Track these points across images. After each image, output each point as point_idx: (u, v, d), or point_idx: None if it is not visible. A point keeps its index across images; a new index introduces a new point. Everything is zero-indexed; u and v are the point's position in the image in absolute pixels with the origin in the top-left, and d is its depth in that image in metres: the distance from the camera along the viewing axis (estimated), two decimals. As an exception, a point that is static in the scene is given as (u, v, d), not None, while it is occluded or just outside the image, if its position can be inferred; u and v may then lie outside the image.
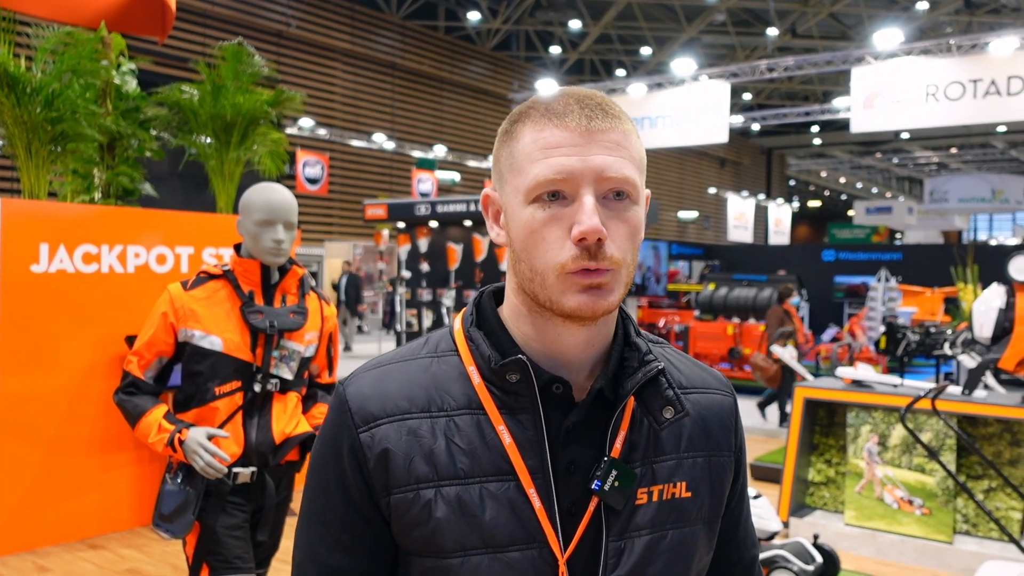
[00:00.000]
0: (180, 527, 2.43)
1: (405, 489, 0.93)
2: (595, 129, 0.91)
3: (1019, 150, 33.72)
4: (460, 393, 0.97)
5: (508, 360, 0.94)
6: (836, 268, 19.41)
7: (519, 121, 0.96)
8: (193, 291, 2.51)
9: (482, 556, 0.92)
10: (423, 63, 23.61)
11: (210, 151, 5.69)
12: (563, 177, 0.90)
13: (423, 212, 9.19)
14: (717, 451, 1.06)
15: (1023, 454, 4.85)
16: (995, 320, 4.96)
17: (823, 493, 5.48)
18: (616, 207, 0.92)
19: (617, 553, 0.95)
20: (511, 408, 0.95)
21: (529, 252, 0.93)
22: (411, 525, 0.94)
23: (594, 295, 0.91)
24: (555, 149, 0.91)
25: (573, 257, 0.89)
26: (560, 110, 0.92)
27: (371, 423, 0.95)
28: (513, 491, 0.93)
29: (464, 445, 0.94)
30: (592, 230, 0.88)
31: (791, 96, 30.66)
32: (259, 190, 2.52)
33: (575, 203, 0.90)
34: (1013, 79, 10.98)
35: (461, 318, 1.04)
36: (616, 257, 0.91)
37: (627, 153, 0.92)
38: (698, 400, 1.06)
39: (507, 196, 0.97)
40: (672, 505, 1.00)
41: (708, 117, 14.30)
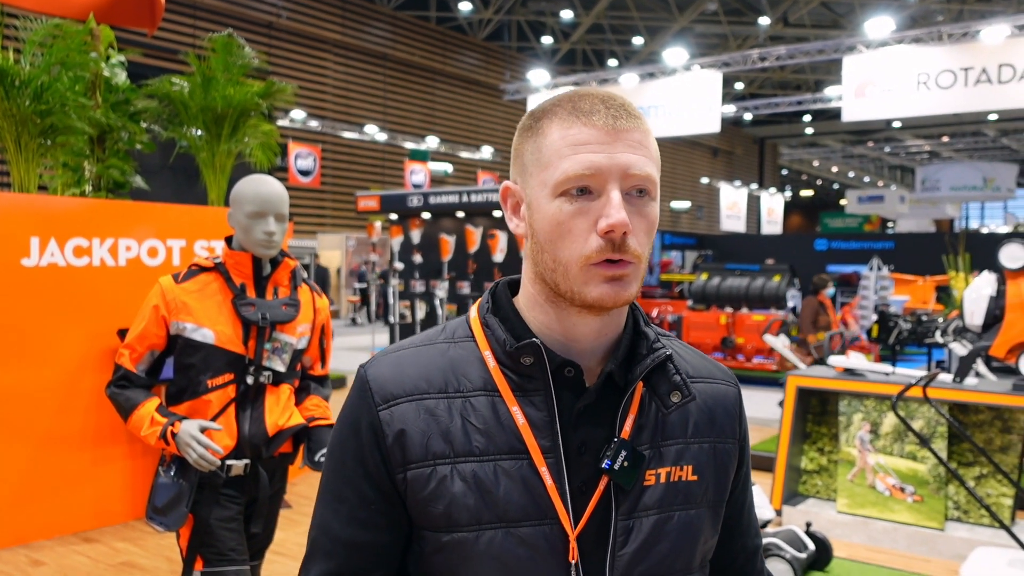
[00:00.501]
0: (174, 520, 2.43)
1: (422, 465, 0.97)
2: (620, 128, 0.96)
3: (1010, 138, 33.81)
4: (476, 376, 1.01)
5: (523, 343, 0.99)
6: (828, 257, 19.46)
7: (544, 118, 1.00)
8: (184, 284, 2.50)
9: (496, 530, 0.96)
10: (415, 54, 23.54)
11: (201, 143, 5.66)
12: (592, 172, 0.94)
13: (416, 203, 9.17)
14: (722, 438, 1.10)
15: (1014, 441, 4.87)
16: (986, 308, 4.99)
17: (815, 481, 5.51)
18: (638, 203, 0.97)
19: (626, 531, 1.00)
20: (525, 390, 1.00)
21: (554, 243, 0.97)
22: (427, 500, 0.97)
23: (615, 286, 0.95)
24: (583, 146, 0.95)
25: (598, 249, 0.94)
26: (587, 109, 0.97)
27: (390, 401, 1.00)
28: (526, 469, 0.97)
29: (479, 424, 0.98)
30: (620, 223, 0.93)
31: (783, 85, 30.67)
32: (250, 182, 2.51)
33: (602, 198, 0.95)
34: (1004, 67, 10.99)
35: (477, 307, 1.09)
36: (637, 251, 0.96)
37: (648, 152, 0.98)
38: (704, 389, 1.10)
39: (532, 189, 1.01)
40: (679, 487, 1.04)
41: (700, 107, 14.29)
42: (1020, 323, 4.80)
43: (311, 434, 2.66)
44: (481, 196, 8.75)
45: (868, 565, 4.55)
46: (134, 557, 4.56)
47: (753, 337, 11.88)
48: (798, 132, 36.34)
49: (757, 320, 12.18)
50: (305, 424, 2.65)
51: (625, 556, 0.99)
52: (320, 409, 2.73)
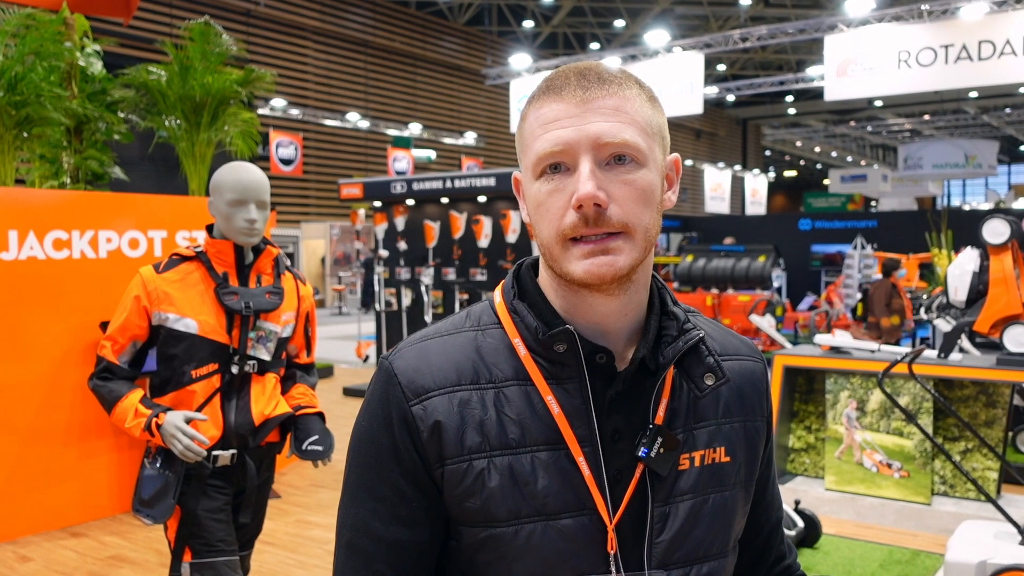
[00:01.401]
0: (161, 512, 2.40)
1: (458, 460, 0.95)
2: (590, 98, 0.93)
3: (991, 115, 33.98)
4: (507, 365, 0.98)
5: (556, 331, 0.96)
6: (813, 237, 19.53)
7: (528, 103, 0.99)
8: (166, 274, 2.47)
9: (535, 524, 0.94)
10: (395, 40, 23.38)
11: (180, 133, 5.60)
12: (560, 148, 0.92)
13: (399, 190, 9.12)
14: (752, 417, 1.09)
15: (998, 415, 4.91)
16: (969, 283, 5.01)
17: (804, 459, 5.54)
18: (619, 171, 0.93)
19: (663, 518, 0.98)
20: (558, 378, 0.97)
21: (538, 224, 0.96)
22: (464, 495, 0.95)
23: (598, 261, 0.92)
24: (553, 123, 0.93)
25: (572, 224, 0.92)
26: (559, 85, 0.95)
27: (422, 395, 0.96)
28: (563, 459, 0.95)
29: (514, 415, 0.96)
30: (587, 196, 0.89)
31: (765, 66, 30.69)
32: (230, 169, 2.48)
33: (575, 172, 0.92)
34: (984, 43, 11.02)
35: (501, 291, 1.06)
36: (623, 220, 0.92)
37: (627, 117, 0.93)
38: (732, 367, 1.08)
39: (523, 175, 1.00)
40: (713, 470, 1.02)
41: (683, 88, 14.27)
42: (1003, 298, 4.82)
43: (298, 423, 2.64)
44: (465, 182, 8.70)
45: (856, 541, 4.58)
46: (123, 550, 4.54)
47: (739, 318, 11.92)
48: (781, 112, 36.39)
49: (743, 301, 12.23)
50: (292, 413, 2.63)
51: (663, 543, 0.97)
52: (307, 397, 2.71)
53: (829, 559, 4.30)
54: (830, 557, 4.32)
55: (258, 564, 4.17)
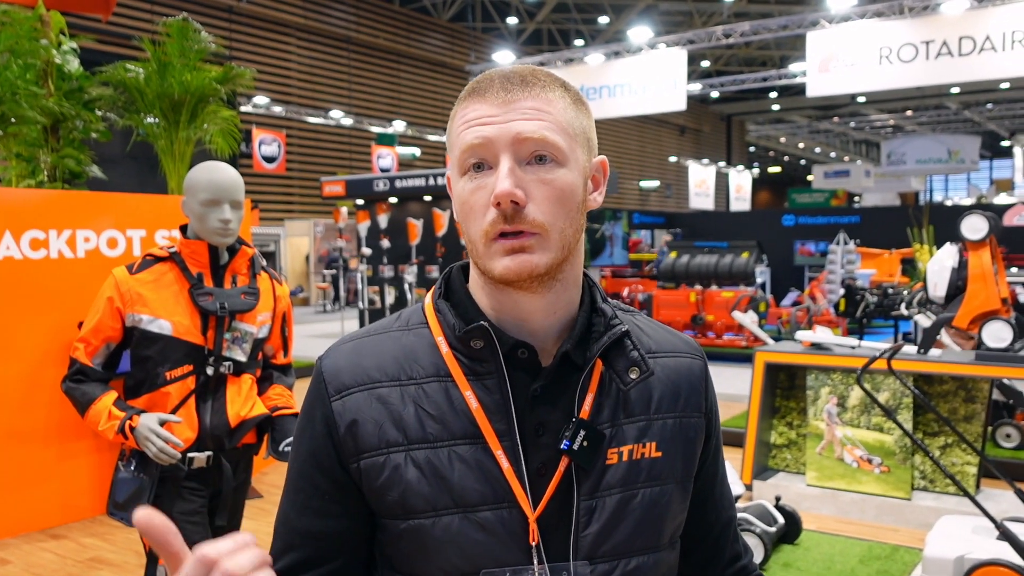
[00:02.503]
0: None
1: (375, 454, 0.97)
2: (512, 99, 0.95)
3: (972, 111, 34.22)
4: (428, 362, 1.00)
5: (471, 327, 0.98)
6: (796, 233, 19.60)
7: (455, 105, 1.01)
8: (139, 274, 2.45)
9: (453, 516, 0.96)
10: (379, 36, 23.30)
11: (159, 131, 5.56)
12: (480, 142, 0.94)
13: (382, 188, 9.09)
14: (687, 413, 1.08)
15: (977, 410, 4.95)
16: (948, 279, 5.05)
17: (785, 455, 5.56)
18: (538, 171, 0.94)
19: (588, 511, 0.99)
20: (477, 374, 0.99)
21: (464, 222, 0.98)
22: (383, 488, 0.97)
23: (517, 259, 0.94)
24: (475, 120, 0.95)
25: (492, 221, 0.93)
26: (483, 87, 0.97)
27: (343, 392, 1.00)
28: (481, 453, 0.97)
29: (433, 411, 0.98)
30: (503, 193, 0.91)
31: (748, 62, 30.78)
32: (203, 169, 2.46)
33: (496, 170, 0.94)
34: (964, 39, 11.09)
35: (432, 292, 1.08)
36: (538, 220, 0.93)
37: (549, 117, 0.95)
38: (667, 363, 1.09)
39: (452, 175, 1.02)
40: (642, 465, 1.02)
41: (666, 85, 14.29)
42: (982, 294, 4.85)
43: (275, 424, 2.63)
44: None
45: (837, 536, 4.60)
46: (102, 552, 4.51)
47: (722, 314, 11.96)
48: (764, 109, 36.53)
49: (726, 297, 12.26)
50: (268, 414, 2.61)
51: (589, 536, 0.98)
52: (283, 398, 2.70)
53: (809, 555, 4.32)
54: (810, 553, 4.34)
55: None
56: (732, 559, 1.19)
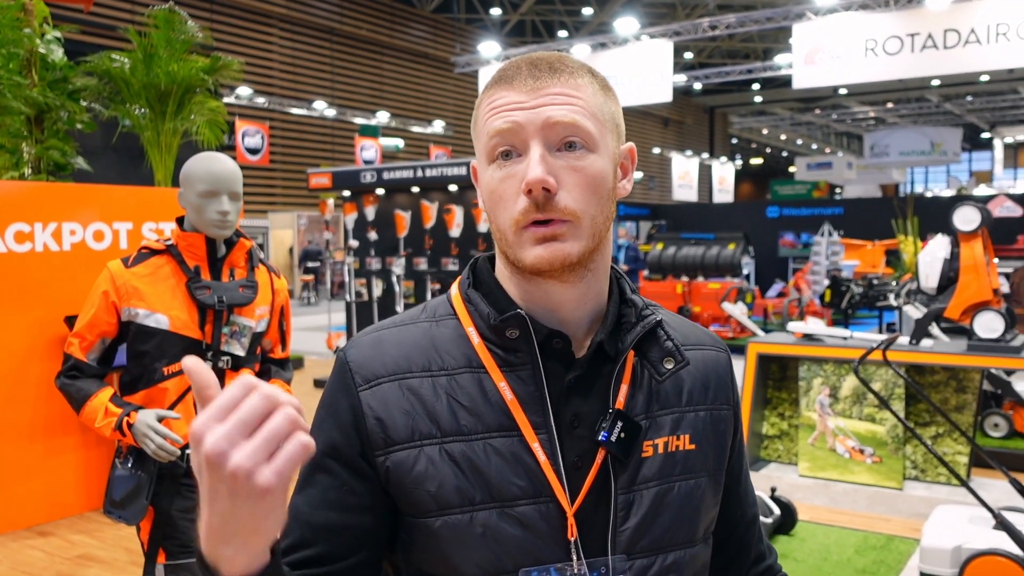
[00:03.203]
0: (133, 513, 2.34)
1: (408, 446, 0.94)
2: (541, 85, 0.92)
3: (953, 103, 34.46)
4: (459, 353, 0.98)
5: (507, 315, 0.95)
6: (781, 224, 19.68)
7: (481, 93, 0.99)
8: (135, 268, 2.40)
9: (491, 511, 0.92)
10: (362, 27, 23.15)
11: (145, 122, 5.48)
12: (509, 127, 0.92)
13: (369, 180, 9.02)
14: (717, 405, 1.07)
15: (968, 400, 4.97)
16: (940, 270, 5.05)
17: (777, 446, 5.57)
18: (569, 157, 0.92)
19: (627, 505, 0.96)
20: (511, 364, 0.96)
21: (492, 211, 0.96)
22: (414, 483, 0.93)
23: (549, 247, 0.92)
24: (503, 107, 0.93)
25: (523, 210, 0.91)
26: (511, 74, 0.95)
27: (372, 382, 0.96)
28: (517, 445, 0.94)
29: (466, 403, 0.95)
30: (535, 180, 0.89)
31: (732, 54, 30.83)
32: (201, 160, 2.40)
33: (526, 157, 0.91)
34: (949, 32, 11.13)
35: (458, 283, 1.05)
36: (570, 207, 0.91)
37: (579, 102, 0.93)
38: (696, 356, 1.07)
39: (477, 163, 1.00)
40: (677, 457, 1.01)
41: (651, 76, 14.27)
42: (974, 285, 4.87)
43: (274, 419, 2.58)
44: (436, 171, 8.62)
45: (831, 527, 4.62)
46: (91, 549, 4.45)
47: (709, 305, 11.99)
48: (747, 101, 36.61)
49: (713, 288, 12.29)
50: (267, 409, 2.57)
51: (627, 531, 0.95)
52: (282, 393, 2.65)
53: (805, 546, 4.32)
54: (806, 544, 4.35)
55: (232, 561, 4.10)
56: (757, 558, 1.17)
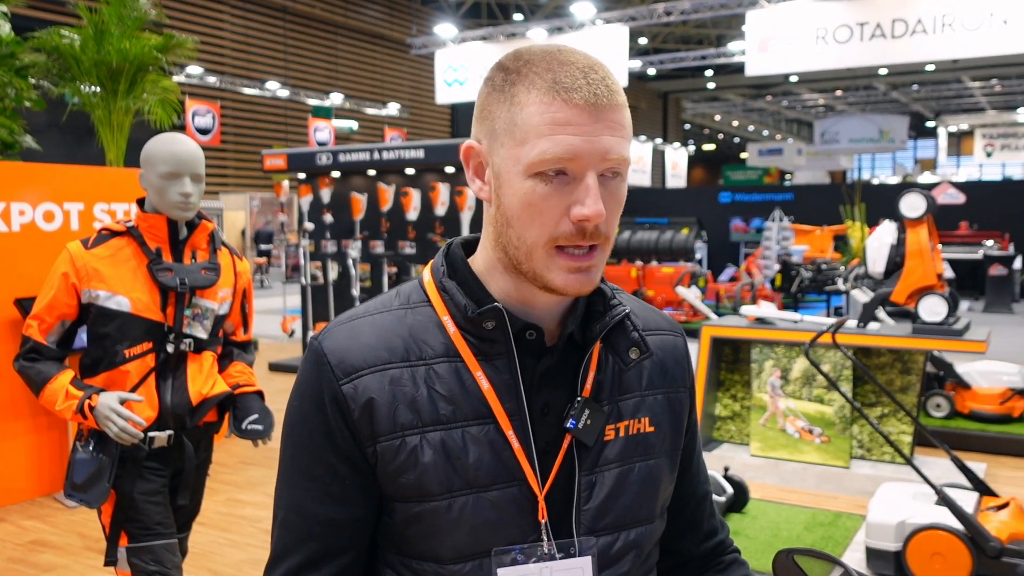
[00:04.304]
0: (95, 496, 2.32)
1: (391, 437, 0.96)
2: (601, 107, 0.92)
3: (900, 92, 35.16)
4: (436, 342, 1.00)
5: (485, 308, 0.98)
6: (733, 210, 19.96)
7: (520, 83, 0.94)
8: (95, 249, 2.37)
9: (467, 497, 0.96)
10: (315, 7, 22.81)
11: (96, 100, 5.38)
12: (571, 157, 0.91)
13: (325, 162, 8.93)
14: (674, 388, 1.13)
15: (912, 381, 5.13)
16: (887, 256, 5.19)
17: (730, 427, 5.70)
18: (611, 185, 0.95)
19: (589, 486, 1.01)
20: (487, 354, 0.99)
21: (523, 222, 0.94)
22: (398, 472, 0.96)
23: (581, 278, 0.95)
24: (564, 127, 0.91)
25: (568, 234, 0.93)
26: (568, 84, 0.92)
27: (352, 374, 0.97)
28: (493, 433, 0.97)
29: (444, 392, 0.97)
30: (596, 214, 0.91)
31: (686, 40, 31.02)
32: (162, 140, 2.38)
33: (579, 183, 0.92)
34: (897, 22, 11.36)
35: (431, 270, 1.07)
36: (607, 233, 0.95)
37: (626, 132, 0.95)
38: (654, 341, 1.12)
39: (502, 160, 0.96)
40: (637, 440, 1.05)
41: (607, 61, 13.90)
42: (919, 270, 5.02)
43: (237, 402, 2.58)
44: (393, 153, 8.57)
45: (782, 505, 4.75)
46: (44, 535, 4.39)
47: (663, 289, 12.13)
48: (700, 87, 36.91)
49: (667, 272, 12.43)
50: (230, 392, 2.57)
51: (590, 511, 1.00)
52: (245, 376, 2.65)
53: (756, 523, 4.44)
54: (757, 521, 4.47)
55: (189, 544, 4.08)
56: (709, 533, 1.23)
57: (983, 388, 6.26)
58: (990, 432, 5.96)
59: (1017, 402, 6.17)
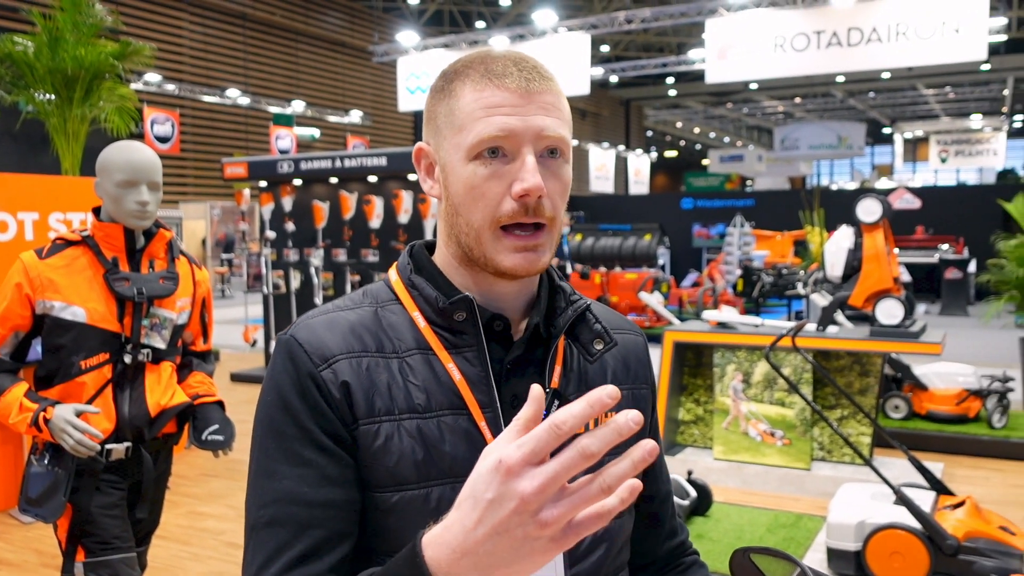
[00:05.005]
0: (51, 510, 2.28)
1: (369, 422, 0.96)
2: (533, 90, 0.96)
3: (857, 99, 35.77)
4: (408, 336, 1.01)
5: (456, 299, 0.99)
6: (695, 216, 20.16)
7: (456, 80, 1.00)
8: (49, 259, 2.33)
9: (444, 486, 0.96)
10: (276, 14, 22.65)
11: (51, 108, 5.29)
12: (505, 134, 0.95)
13: (286, 170, 8.86)
14: (638, 384, 1.15)
15: (871, 383, 5.22)
16: (845, 260, 5.28)
17: (693, 431, 5.74)
18: (551, 164, 0.98)
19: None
20: (458, 347, 1.01)
21: (468, 207, 0.98)
22: (375, 458, 0.96)
23: (529, 256, 0.97)
24: (496, 108, 0.95)
25: (511, 212, 0.95)
26: (500, 71, 0.97)
27: (329, 359, 0.97)
28: (466, 423, 0.98)
29: (419, 382, 0.98)
30: (535, 187, 0.93)
31: (647, 48, 31.30)
32: (119, 149, 2.35)
33: (516, 161, 0.95)
34: (853, 30, 11.57)
35: (397, 269, 1.09)
36: (550, 213, 0.97)
37: (561, 114, 0.99)
38: (617, 339, 1.12)
39: (446, 152, 1.01)
40: None
41: (569, 69, 14.38)
42: (876, 273, 5.11)
43: (197, 412, 2.55)
44: (355, 161, 8.54)
45: (744, 507, 4.79)
46: (-1, 552, 4.29)
47: (627, 295, 12.20)
48: (662, 94, 37.24)
49: (630, 278, 12.51)
50: (190, 402, 2.54)
51: None
52: (205, 386, 2.62)
53: (720, 526, 4.48)
54: (721, 524, 4.51)
55: (149, 558, 4.01)
56: (670, 533, 1.23)
57: (940, 389, 6.38)
58: (947, 432, 6.08)
59: (973, 403, 6.30)
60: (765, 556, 0.99)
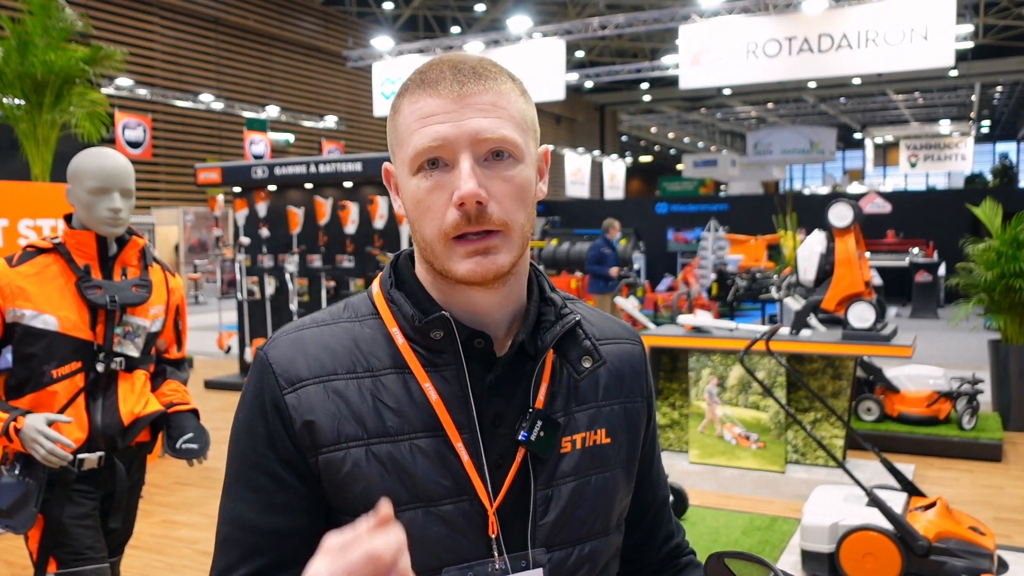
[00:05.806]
0: (21, 521, 2.25)
1: (334, 449, 0.94)
2: (467, 93, 0.92)
3: (828, 104, 36.19)
4: (384, 354, 0.98)
5: (432, 317, 0.96)
6: (669, 221, 20.27)
7: (399, 95, 0.98)
8: (20, 267, 2.30)
9: (416, 511, 0.94)
10: (249, 18, 22.52)
11: (20, 113, 5.22)
12: (439, 144, 0.91)
13: (260, 175, 8.81)
14: (631, 398, 1.11)
15: (843, 386, 5.28)
16: (817, 264, 5.34)
17: (669, 435, 5.77)
18: (497, 167, 0.93)
19: (545, 500, 0.99)
20: (435, 365, 0.97)
21: (418, 222, 0.95)
22: (343, 485, 0.94)
23: (481, 262, 0.93)
24: (430, 118, 0.92)
25: (454, 223, 0.91)
26: (434, 78, 0.93)
27: (296, 384, 0.96)
28: (442, 446, 0.95)
29: (392, 404, 0.96)
30: (469, 194, 0.89)
31: (621, 53, 31.47)
32: (90, 155, 2.33)
33: (455, 169, 0.91)
34: (824, 36, 11.71)
35: (379, 282, 1.05)
36: (501, 219, 0.93)
37: (504, 113, 0.93)
38: (611, 350, 1.10)
39: (397, 169, 0.99)
40: (593, 452, 1.04)
41: (544, 74, 14.42)
42: (848, 277, 5.17)
43: (171, 420, 2.53)
44: (330, 167, 8.50)
45: (720, 511, 4.83)
46: (-32, 564, 4.23)
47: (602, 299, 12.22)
48: (636, 99, 37.44)
49: (606, 283, 12.52)
50: (164, 411, 2.51)
51: (546, 525, 0.99)
52: (179, 394, 2.60)
53: (696, 529, 4.51)
54: (697, 527, 4.53)
55: (123, 568, 3.97)
56: (667, 537, 1.22)
57: (911, 392, 6.46)
58: (918, 434, 6.15)
59: (943, 405, 6.38)
60: (739, 560, 1.00)
